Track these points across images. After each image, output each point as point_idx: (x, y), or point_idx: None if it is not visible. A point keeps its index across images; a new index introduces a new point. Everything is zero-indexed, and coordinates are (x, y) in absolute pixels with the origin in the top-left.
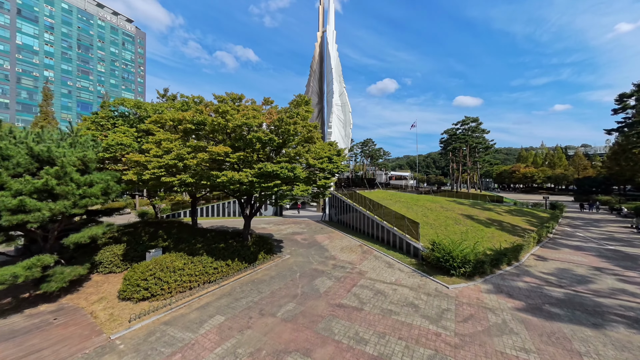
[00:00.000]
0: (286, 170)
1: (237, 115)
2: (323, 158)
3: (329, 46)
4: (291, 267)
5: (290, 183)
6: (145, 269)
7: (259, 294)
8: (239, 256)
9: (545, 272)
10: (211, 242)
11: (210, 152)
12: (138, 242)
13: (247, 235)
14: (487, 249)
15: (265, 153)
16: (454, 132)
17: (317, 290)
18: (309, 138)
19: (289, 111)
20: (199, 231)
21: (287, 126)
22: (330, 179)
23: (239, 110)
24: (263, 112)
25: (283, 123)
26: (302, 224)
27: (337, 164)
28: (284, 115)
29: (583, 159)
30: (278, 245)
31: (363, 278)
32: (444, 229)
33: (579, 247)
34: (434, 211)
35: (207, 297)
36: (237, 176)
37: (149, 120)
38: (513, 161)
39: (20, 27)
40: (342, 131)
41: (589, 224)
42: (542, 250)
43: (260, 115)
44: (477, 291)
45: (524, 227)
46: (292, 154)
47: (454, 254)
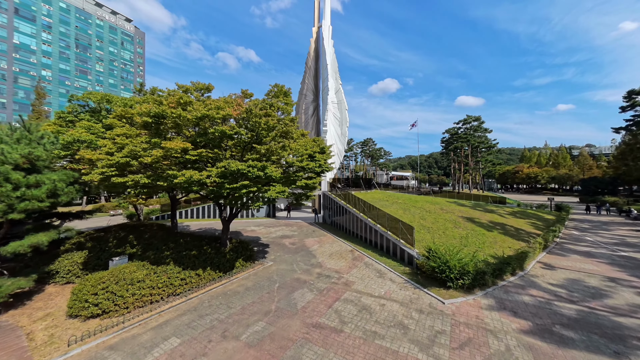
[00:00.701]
0: (255, 169)
1: (197, 106)
2: (303, 155)
3: (325, 42)
4: (271, 277)
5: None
6: (97, 281)
7: (228, 310)
8: (212, 264)
9: (554, 284)
10: (182, 249)
11: (165, 148)
12: (103, 248)
13: (225, 241)
14: (489, 255)
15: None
16: (456, 131)
17: (295, 305)
18: (285, 133)
19: (263, 102)
20: (175, 236)
21: (257, 119)
22: (314, 179)
23: (205, 102)
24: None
25: (252, 115)
26: (294, 227)
27: (321, 162)
28: (253, 107)
29: (588, 159)
30: (262, 251)
31: (349, 290)
32: (442, 233)
33: (589, 253)
34: (433, 213)
35: (169, 313)
36: (197, 176)
37: (112, 115)
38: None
39: (18, 26)
40: (339, 129)
41: (597, 227)
42: (549, 257)
43: (227, 107)
44: (477, 307)
45: (528, 231)
46: (263, 151)
47: (451, 264)
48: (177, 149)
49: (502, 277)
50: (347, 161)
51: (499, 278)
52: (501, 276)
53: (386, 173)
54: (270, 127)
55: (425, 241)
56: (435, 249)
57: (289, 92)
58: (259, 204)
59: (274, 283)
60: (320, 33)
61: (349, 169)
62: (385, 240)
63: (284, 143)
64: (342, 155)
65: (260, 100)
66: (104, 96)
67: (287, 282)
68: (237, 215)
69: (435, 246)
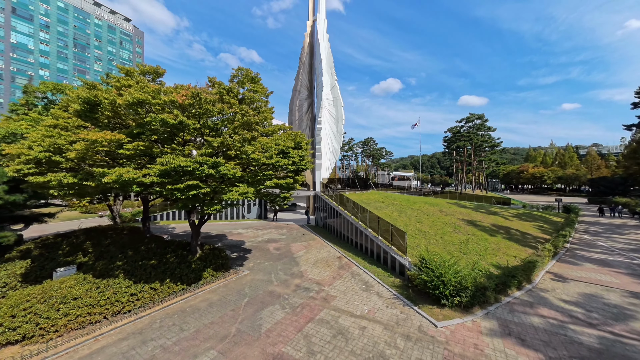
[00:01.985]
0: (205, 166)
1: (132, 90)
2: (272, 151)
3: (319, 36)
4: (242, 289)
5: (226, 184)
6: (21, 299)
7: (179, 333)
8: (173, 276)
9: (568, 300)
10: (140, 258)
11: (88, 140)
12: (52, 257)
13: (195, 248)
14: (492, 265)
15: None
16: (458, 129)
17: (259, 327)
18: (247, 124)
19: (219, 87)
20: (141, 241)
21: (208, 106)
22: (289, 179)
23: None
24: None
25: (201, 102)
26: (284, 229)
27: (295, 159)
28: (202, 92)
29: (597, 158)
30: (242, 257)
31: (327, 307)
32: (439, 239)
33: (605, 261)
34: (431, 216)
35: (109, 337)
36: (130, 175)
37: (57, 106)
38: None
39: (15, 25)
40: (334, 127)
41: (610, 230)
42: (559, 265)
43: (172, 91)
44: (476, 332)
45: (535, 235)
46: (216, 144)
47: (446, 278)
48: (102, 141)
49: (506, 291)
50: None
51: (503, 293)
52: (505, 291)
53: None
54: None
55: (420, 248)
56: (429, 259)
57: (257, 78)
58: (216, 207)
59: (243, 297)
60: (315, 27)
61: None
62: (376, 246)
63: (243, 135)
64: (338, 153)
65: (218, 83)
66: (56, 85)
67: (258, 297)
68: (208, 219)
69: (429, 255)
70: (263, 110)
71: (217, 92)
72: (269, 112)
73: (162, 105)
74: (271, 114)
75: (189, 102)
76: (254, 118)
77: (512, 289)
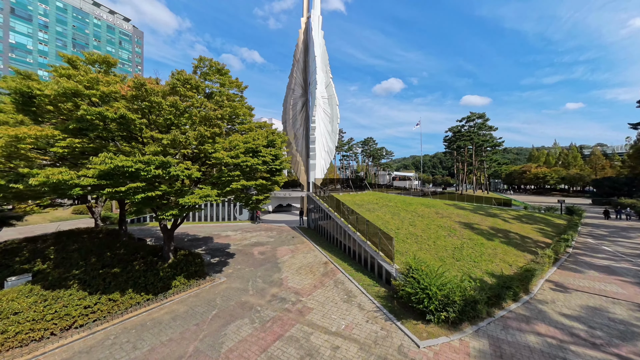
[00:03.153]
0: (151, 166)
1: (63, 80)
2: (238, 149)
3: (313, 32)
4: (214, 300)
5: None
6: None
7: (131, 353)
8: (137, 285)
9: (569, 315)
10: (101, 266)
11: (10, 135)
12: (8, 264)
13: (167, 253)
14: (486, 273)
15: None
16: (459, 129)
17: (220, 346)
18: (204, 119)
19: (173, 78)
20: (112, 246)
21: (155, 98)
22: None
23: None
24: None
25: (146, 93)
26: (274, 232)
27: (266, 159)
28: (147, 82)
29: (601, 158)
30: (222, 262)
31: (300, 321)
32: (432, 244)
33: (610, 268)
34: (426, 218)
35: (53, 356)
36: (61, 176)
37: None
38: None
39: (14, 25)
40: (329, 126)
41: (615, 233)
42: (560, 273)
43: (117, 82)
44: (463, 354)
45: (535, 239)
46: (166, 142)
47: (431, 291)
48: (24, 137)
49: (500, 304)
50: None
51: (497, 306)
52: (499, 303)
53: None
54: (181, 111)
55: (410, 253)
56: (416, 267)
57: (224, 70)
58: (172, 212)
59: (212, 309)
60: (309, 24)
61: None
62: (364, 251)
63: (200, 132)
64: (333, 153)
65: (178, 74)
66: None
67: (229, 308)
68: (182, 222)
69: (416, 263)
70: (234, 106)
71: (170, 83)
72: (244, 108)
73: (102, 97)
74: (248, 110)
75: (133, 94)
76: (214, 113)
77: (507, 301)
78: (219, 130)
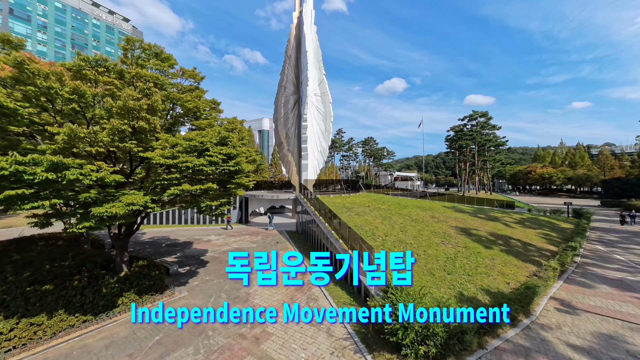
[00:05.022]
0: (38, 168)
1: None
2: (176, 148)
3: (305, 27)
4: (161, 322)
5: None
6: None
7: None
8: (71, 305)
9: (578, 346)
10: (31, 282)
11: None
12: None
13: (120, 265)
14: (480, 289)
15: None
16: (461, 128)
17: None
18: (124, 110)
19: (82, 56)
20: (58, 256)
21: (43, 82)
22: (207, 184)
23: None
24: None
25: (31, 76)
26: (259, 236)
27: (214, 159)
28: (32, 61)
29: (610, 158)
30: (192, 272)
31: (252, 353)
32: (422, 253)
33: (624, 282)
34: (419, 223)
35: None
36: None
37: None
38: (529, 161)
39: (13, 26)
40: (322, 125)
41: (627, 239)
42: (567, 288)
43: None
44: None
45: (539, 247)
46: (62, 138)
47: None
48: None
49: (495, 331)
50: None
51: (490, 334)
52: (494, 330)
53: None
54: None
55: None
56: (394, 286)
57: (164, 54)
58: (86, 224)
59: (157, 333)
60: (302, 18)
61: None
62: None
63: (115, 126)
64: (326, 153)
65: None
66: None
67: (176, 332)
68: (137, 228)
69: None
70: (177, 97)
71: (75, 64)
72: (199, 101)
73: None
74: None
75: (13, 76)
76: (135, 103)
77: (502, 328)
78: (146, 125)
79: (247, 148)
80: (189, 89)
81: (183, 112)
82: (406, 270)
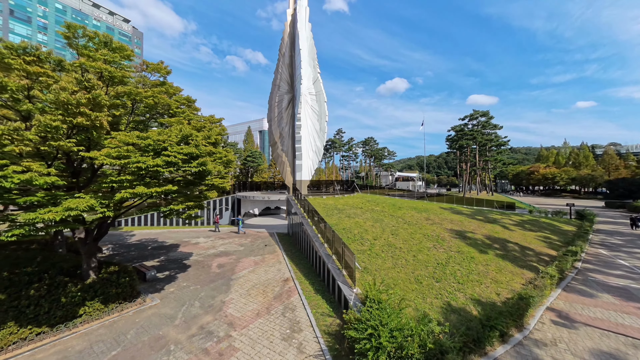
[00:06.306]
0: None
1: None
2: (129, 147)
3: (299, 24)
4: (126, 333)
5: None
6: None
7: None
8: (23, 316)
9: None
10: None
11: None
12: None
13: (87, 272)
14: (471, 299)
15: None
16: (462, 128)
17: None
18: (58, 104)
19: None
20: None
21: None
22: (165, 187)
23: None
24: None
25: None
26: (249, 239)
27: (173, 159)
28: None
29: (615, 158)
30: (170, 277)
31: None
32: (411, 258)
33: (628, 291)
34: (412, 226)
35: None
36: None
37: None
38: (532, 161)
39: (13, 27)
40: (317, 124)
41: (631, 242)
42: (566, 296)
43: None
44: None
45: (538, 251)
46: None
47: (382, 339)
48: None
49: (483, 348)
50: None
51: (477, 352)
52: (481, 348)
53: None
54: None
55: (382, 271)
56: (374, 297)
57: (115, 43)
58: (15, 232)
59: (116, 347)
60: (296, 15)
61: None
62: (328, 269)
63: (45, 122)
64: (321, 153)
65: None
66: None
67: (136, 347)
68: (105, 232)
69: (374, 291)
70: (134, 92)
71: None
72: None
73: None
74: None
75: None
76: (72, 97)
77: (492, 344)
78: (87, 122)
79: (220, 149)
80: (154, 83)
81: (147, 109)
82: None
